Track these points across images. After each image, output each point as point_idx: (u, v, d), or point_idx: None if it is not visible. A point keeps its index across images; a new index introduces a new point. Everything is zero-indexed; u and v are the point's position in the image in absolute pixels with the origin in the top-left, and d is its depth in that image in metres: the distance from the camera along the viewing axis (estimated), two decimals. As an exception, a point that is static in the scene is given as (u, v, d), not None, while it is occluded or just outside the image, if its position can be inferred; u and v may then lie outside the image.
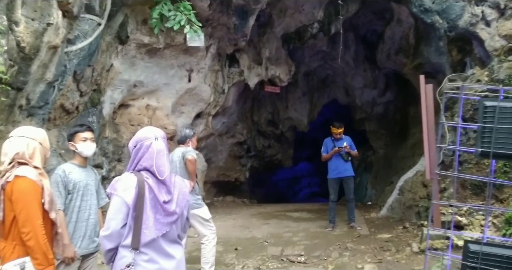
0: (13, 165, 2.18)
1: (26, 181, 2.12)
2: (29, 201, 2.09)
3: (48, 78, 4.91)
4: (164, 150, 2.06)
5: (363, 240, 5.79)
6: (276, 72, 9.86)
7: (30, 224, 2.05)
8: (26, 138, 2.27)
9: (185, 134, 4.80)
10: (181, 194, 2.05)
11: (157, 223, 1.96)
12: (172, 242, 2.03)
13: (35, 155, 2.24)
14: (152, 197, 1.96)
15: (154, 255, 1.96)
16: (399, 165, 9.77)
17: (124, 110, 7.71)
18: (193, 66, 8.17)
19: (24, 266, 2.03)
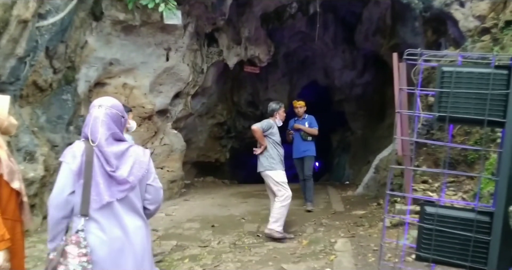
0: None
1: None
2: None
3: (18, 53, 4.78)
4: (100, 117, 2.00)
5: (338, 217, 5.94)
6: (256, 52, 9.81)
7: None
8: None
9: (272, 108, 5.35)
10: (137, 163, 2.00)
11: (108, 189, 1.93)
12: (129, 211, 1.97)
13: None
14: (100, 165, 1.95)
15: (106, 223, 1.92)
16: (376, 145, 9.96)
17: (100, 88, 7.57)
18: (171, 44, 8.04)
19: None
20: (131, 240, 1.95)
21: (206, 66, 9.27)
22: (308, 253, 4.39)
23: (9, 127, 2.23)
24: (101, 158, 1.95)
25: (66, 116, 6.52)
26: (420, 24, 6.81)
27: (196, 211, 6.98)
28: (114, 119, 2.03)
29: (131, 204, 1.98)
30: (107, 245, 1.91)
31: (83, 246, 1.87)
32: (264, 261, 4.20)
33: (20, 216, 2.23)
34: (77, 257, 1.85)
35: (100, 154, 1.96)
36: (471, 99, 1.93)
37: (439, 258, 2.17)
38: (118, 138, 2.04)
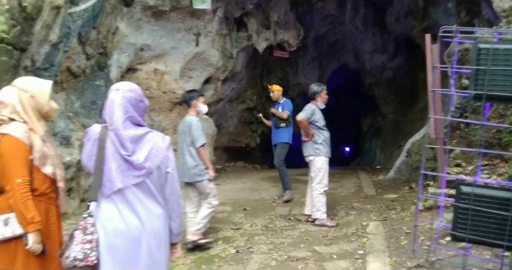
0: (2, 120, 2.12)
1: (9, 139, 2.06)
2: (10, 159, 2.03)
3: (52, 40, 4.91)
4: (117, 100, 1.94)
5: (370, 200, 5.86)
6: (285, 37, 9.68)
7: (10, 182, 2.03)
8: (17, 90, 2.16)
9: (314, 91, 5.17)
10: (155, 149, 1.92)
11: (122, 175, 1.87)
12: (146, 198, 1.90)
13: (24, 109, 2.13)
14: (114, 149, 1.89)
15: (119, 210, 1.86)
16: (407, 129, 9.71)
17: (132, 74, 7.71)
18: (201, 29, 8.06)
19: (8, 222, 2.04)
20: (146, 228, 1.87)
21: (235, 51, 9.25)
22: (340, 235, 4.36)
23: (50, 111, 2.24)
24: (116, 142, 1.89)
25: (100, 101, 6.69)
26: (453, 5, 6.53)
27: (227, 195, 7.05)
28: (132, 103, 1.96)
29: (149, 191, 1.90)
30: (121, 234, 1.84)
31: (89, 233, 1.83)
32: (296, 243, 4.20)
33: (55, 200, 2.26)
34: (81, 243, 1.81)
35: (115, 138, 1.89)
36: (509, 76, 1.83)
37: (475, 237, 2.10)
38: (137, 123, 1.96)
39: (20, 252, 2.06)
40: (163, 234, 1.95)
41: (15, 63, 4.29)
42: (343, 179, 8.00)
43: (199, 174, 4.24)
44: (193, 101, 4.47)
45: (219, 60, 8.84)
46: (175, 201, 2.00)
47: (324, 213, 4.87)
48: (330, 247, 4.02)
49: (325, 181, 4.95)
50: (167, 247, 1.99)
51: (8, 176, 2.04)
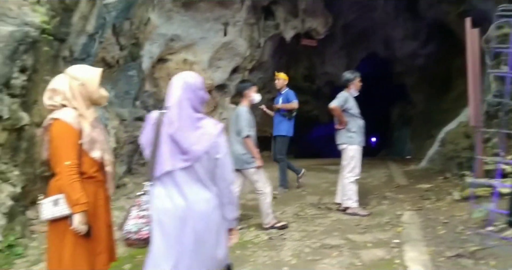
0: (55, 105, 2.21)
1: (60, 124, 2.14)
2: (60, 143, 2.11)
3: (89, 30, 5.01)
4: (177, 86, 2.03)
5: (402, 190, 5.78)
6: (313, 25, 9.55)
7: (59, 165, 2.11)
8: (69, 78, 2.24)
9: (347, 78, 5.08)
10: (205, 135, 1.98)
11: (172, 158, 1.95)
12: (194, 182, 1.96)
13: (74, 96, 2.21)
14: (167, 133, 1.97)
15: (168, 191, 1.96)
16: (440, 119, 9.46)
17: (163, 64, 7.80)
18: (229, 19, 8.05)
19: (57, 202, 2.13)
20: (192, 211, 1.94)
21: (263, 40, 9.20)
22: (373, 224, 4.33)
23: (99, 98, 2.31)
24: (170, 125, 1.96)
25: (133, 91, 6.82)
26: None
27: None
28: (191, 89, 2.03)
29: (196, 175, 1.96)
30: (167, 212, 1.94)
31: (143, 209, 1.98)
32: (329, 231, 4.20)
33: (104, 183, 2.33)
34: (135, 219, 1.98)
35: (170, 120, 1.97)
36: None
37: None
38: (193, 108, 2.02)
39: (69, 232, 2.14)
40: (213, 218, 1.99)
41: (54, 53, 4.41)
42: (372, 169, 7.91)
43: (248, 162, 4.37)
44: (245, 90, 4.59)
45: (247, 49, 8.82)
46: (225, 187, 2.04)
47: (356, 202, 4.83)
48: (364, 235, 4.00)
49: (357, 170, 4.90)
50: (219, 231, 2.03)
51: (58, 159, 2.12)
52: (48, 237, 2.25)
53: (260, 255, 3.66)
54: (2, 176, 3.61)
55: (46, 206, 2.15)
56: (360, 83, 5.11)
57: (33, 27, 3.69)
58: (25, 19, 3.64)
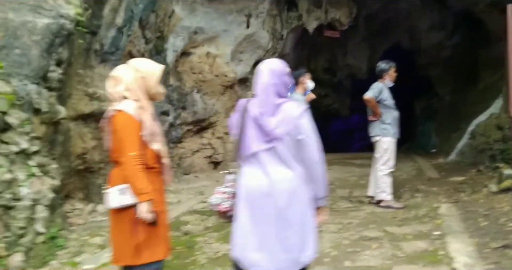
0: (117, 97, 2.24)
1: (123, 116, 2.17)
2: (124, 135, 2.16)
3: (118, 23, 5.01)
4: (263, 73, 2.15)
5: (434, 183, 5.66)
6: (336, 15, 9.39)
7: (124, 156, 2.15)
8: (131, 69, 2.27)
9: (381, 68, 4.98)
10: (286, 117, 2.08)
11: (256, 140, 2.09)
12: (277, 162, 2.08)
13: (137, 88, 2.24)
14: (253, 117, 2.11)
15: (253, 171, 2.11)
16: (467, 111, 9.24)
17: (186, 58, 7.78)
18: (252, 10, 7.97)
19: (124, 191, 2.17)
20: (275, 189, 2.05)
21: (285, 32, 9.10)
22: (410, 217, 4.24)
23: (157, 94, 2.34)
24: (256, 109, 2.10)
25: (158, 85, 6.83)
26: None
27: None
28: (276, 75, 2.14)
29: (279, 156, 2.08)
30: (253, 189, 2.09)
31: (227, 186, 2.19)
32: (365, 224, 4.13)
33: (161, 174, 2.35)
34: (219, 193, 2.19)
35: (257, 106, 2.11)
36: None
37: None
38: (278, 93, 2.13)
39: (136, 220, 2.18)
40: (295, 197, 2.07)
41: (87, 46, 4.43)
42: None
43: None
44: (300, 77, 4.59)
45: (269, 41, 8.73)
46: (312, 167, 2.09)
47: (390, 195, 4.74)
48: (402, 228, 3.92)
49: (391, 162, 4.80)
50: (304, 210, 2.09)
51: (122, 150, 2.16)
52: (114, 226, 2.29)
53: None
54: (42, 169, 3.65)
55: (112, 195, 2.19)
56: (395, 74, 5.00)
57: (68, 19, 3.69)
58: (60, 11, 3.64)
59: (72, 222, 4.46)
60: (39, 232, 3.47)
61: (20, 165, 3.42)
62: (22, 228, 3.33)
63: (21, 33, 3.41)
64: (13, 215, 3.32)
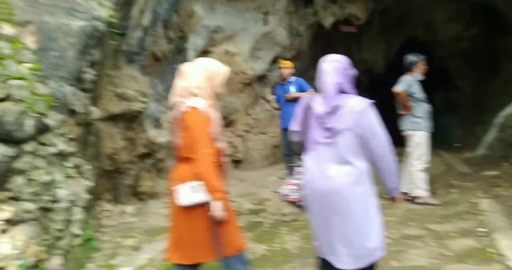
0: (186, 95, 2.25)
1: (198, 113, 2.18)
2: (199, 131, 2.16)
3: (144, 24, 4.98)
4: (326, 70, 2.20)
5: (467, 178, 5.55)
6: (353, 10, 9.26)
7: (198, 152, 2.14)
8: (200, 69, 2.29)
9: (410, 61, 4.93)
10: (348, 113, 2.11)
11: (317, 136, 2.19)
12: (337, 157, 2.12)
13: (206, 86, 2.27)
14: (316, 113, 2.20)
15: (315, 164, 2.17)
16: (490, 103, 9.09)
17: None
18: (269, 7, 7.90)
19: (196, 189, 2.17)
20: (335, 181, 2.10)
21: (302, 28, 9.00)
22: (450, 214, 4.16)
23: (219, 95, 2.37)
24: (320, 106, 2.19)
25: (180, 85, 6.78)
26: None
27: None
28: (339, 72, 2.19)
29: (340, 151, 2.12)
30: (312, 181, 2.18)
31: (295, 178, 2.32)
32: (404, 221, 4.05)
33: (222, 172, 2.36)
34: (288, 185, 2.34)
35: (321, 102, 2.19)
36: None
37: None
38: (343, 89, 2.18)
39: (204, 218, 2.19)
40: (354, 191, 2.09)
41: (116, 47, 4.39)
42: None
43: None
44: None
45: (286, 38, 8.65)
46: (381, 159, 2.14)
47: (426, 191, 4.65)
48: (443, 225, 3.84)
49: (425, 157, 4.71)
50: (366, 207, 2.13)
51: (197, 147, 2.15)
52: (183, 224, 2.27)
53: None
54: (77, 170, 3.63)
55: (184, 192, 2.18)
56: (425, 66, 4.90)
57: (101, 21, 3.66)
58: (93, 13, 3.60)
59: (103, 224, 4.45)
60: (76, 234, 3.47)
61: (58, 167, 3.40)
62: (60, 230, 3.31)
63: (57, 35, 3.38)
64: (52, 217, 3.31)
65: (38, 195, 3.14)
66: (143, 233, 4.21)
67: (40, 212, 3.17)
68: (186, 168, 2.22)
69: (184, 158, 2.25)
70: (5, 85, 2.99)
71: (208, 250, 2.22)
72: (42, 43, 3.35)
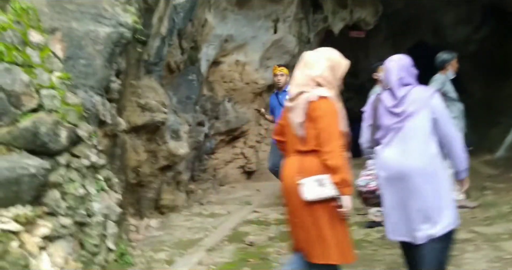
0: (310, 84, 2.17)
1: (328, 102, 2.11)
2: (330, 122, 2.09)
3: (162, 33, 4.87)
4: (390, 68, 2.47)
5: (497, 180, 5.45)
6: (362, 15, 9.25)
7: (331, 143, 2.05)
8: (323, 58, 2.23)
9: (443, 59, 4.84)
10: (416, 99, 2.34)
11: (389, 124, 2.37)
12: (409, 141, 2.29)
13: (330, 76, 2.21)
14: (384, 105, 2.41)
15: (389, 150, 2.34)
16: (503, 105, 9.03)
17: (216, 67, 7.62)
18: (279, 15, 7.83)
19: (323, 182, 2.06)
20: (410, 165, 2.25)
21: (312, 35, 8.96)
22: (493, 215, 4.03)
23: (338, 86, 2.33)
24: (388, 98, 2.42)
25: (194, 96, 6.64)
26: None
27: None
28: (403, 68, 2.45)
29: (410, 135, 2.29)
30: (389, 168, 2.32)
31: (369, 169, 2.50)
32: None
33: None
34: (364, 176, 2.52)
35: (389, 95, 2.44)
36: None
37: None
38: (407, 83, 2.43)
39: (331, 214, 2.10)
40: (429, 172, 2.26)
41: (138, 56, 4.28)
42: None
43: None
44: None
45: (296, 46, 8.59)
46: (449, 142, 2.32)
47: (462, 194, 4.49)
48: (491, 227, 3.71)
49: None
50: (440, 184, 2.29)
51: (328, 138, 2.07)
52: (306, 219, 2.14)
53: (386, 254, 3.39)
54: (108, 183, 3.48)
55: (309, 186, 2.07)
56: (457, 64, 4.79)
57: (127, 28, 3.54)
58: (119, 19, 3.49)
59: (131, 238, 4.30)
60: (110, 249, 3.33)
61: (91, 180, 3.25)
62: (96, 245, 3.17)
63: (85, 43, 3.26)
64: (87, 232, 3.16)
65: (73, 210, 3.00)
66: (173, 246, 4.08)
67: (76, 227, 3.03)
68: (311, 160, 2.12)
69: (308, 151, 2.13)
70: (37, 94, 2.87)
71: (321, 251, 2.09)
72: (69, 51, 3.22)
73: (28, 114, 2.84)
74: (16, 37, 2.87)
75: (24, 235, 2.64)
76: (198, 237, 4.32)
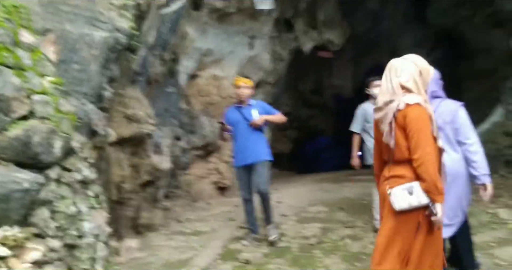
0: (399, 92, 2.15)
1: (418, 108, 2.10)
2: (421, 128, 2.08)
3: (149, 42, 4.70)
4: None
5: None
6: (331, 36, 9.54)
7: (420, 150, 2.03)
8: (412, 64, 2.24)
9: None
10: (446, 111, 2.77)
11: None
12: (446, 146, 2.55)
13: (418, 82, 2.19)
14: None
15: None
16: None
17: (193, 81, 7.49)
18: (256, 32, 7.89)
19: (412, 190, 2.03)
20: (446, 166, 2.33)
21: (285, 53, 9.07)
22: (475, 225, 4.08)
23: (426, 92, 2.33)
24: None
25: (172, 108, 6.46)
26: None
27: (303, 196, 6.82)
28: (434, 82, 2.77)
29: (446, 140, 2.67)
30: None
31: None
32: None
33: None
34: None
35: None
36: None
37: None
38: (436, 95, 2.82)
39: (423, 223, 2.06)
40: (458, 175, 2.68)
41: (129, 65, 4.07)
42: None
43: None
44: None
45: (270, 63, 8.66)
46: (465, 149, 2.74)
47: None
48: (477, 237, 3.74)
49: None
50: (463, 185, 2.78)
51: (418, 144, 2.05)
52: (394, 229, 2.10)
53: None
54: (97, 200, 3.19)
55: (400, 195, 2.04)
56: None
57: (123, 33, 3.38)
58: (116, 24, 3.32)
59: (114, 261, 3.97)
60: (99, 273, 3.04)
61: (82, 196, 2.98)
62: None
63: (79, 46, 3.06)
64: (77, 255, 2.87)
65: (63, 230, 2.72)
66: (162, 268, 3.85)
67: (65, 250, 2.74)
68: (401, 169, 2.11)
69: (400, 160, 2.12)
70: (28, 100, 2.60)
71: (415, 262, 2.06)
72: (62, 54, 3.00)
73: (18, 122, 2.57)
74: (8, 36, 2.63)
75: (12, 260, 2.35)
76: (187, 257, 4.08)
